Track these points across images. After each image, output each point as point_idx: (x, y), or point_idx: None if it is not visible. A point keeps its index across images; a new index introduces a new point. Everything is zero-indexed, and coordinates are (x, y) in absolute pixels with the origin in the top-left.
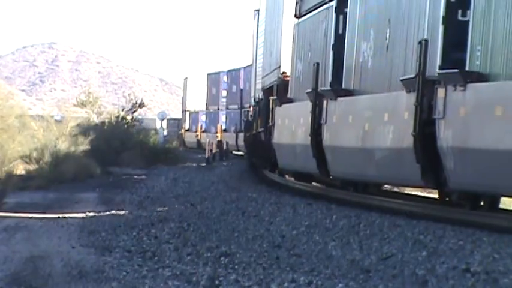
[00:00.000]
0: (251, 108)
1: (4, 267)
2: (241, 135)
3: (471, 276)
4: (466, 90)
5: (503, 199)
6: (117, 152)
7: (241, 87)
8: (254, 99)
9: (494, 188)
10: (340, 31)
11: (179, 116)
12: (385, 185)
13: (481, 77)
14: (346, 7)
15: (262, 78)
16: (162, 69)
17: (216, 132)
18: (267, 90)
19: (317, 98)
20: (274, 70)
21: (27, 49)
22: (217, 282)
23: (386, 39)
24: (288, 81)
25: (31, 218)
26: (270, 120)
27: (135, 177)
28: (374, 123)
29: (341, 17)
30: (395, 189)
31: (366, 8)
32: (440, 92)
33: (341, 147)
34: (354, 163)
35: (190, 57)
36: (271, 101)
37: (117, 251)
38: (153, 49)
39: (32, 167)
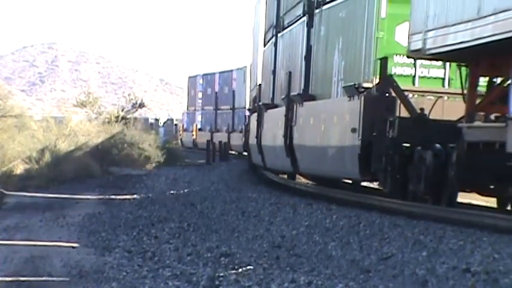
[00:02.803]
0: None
1: (4, 267)
2: (216, 134)
3: (471, 276)
4: (303, 106)
5: None
6: (117, 152)
7: (216, 90)
8: None
9: (319, 172)
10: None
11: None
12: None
13: (312, 98)
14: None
15: (251, 91)
16: (162, 69)
17: (192, 131)
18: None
19: (259, 110)
20: (255, 86)
21: (27, 49)
22: (217, 282)
23: (288, 68)
24: None
25: (31, 217)
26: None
27: (135, 177)
28: (276, 128)
29: (277, 50)
30: None
31: (283, 45)
32: (295, 107)
33: (268, 146)
34: (274, 157)
35: (190, 57)
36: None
37: (117, 251)
38: (153, 49)
39: (32, 166)
